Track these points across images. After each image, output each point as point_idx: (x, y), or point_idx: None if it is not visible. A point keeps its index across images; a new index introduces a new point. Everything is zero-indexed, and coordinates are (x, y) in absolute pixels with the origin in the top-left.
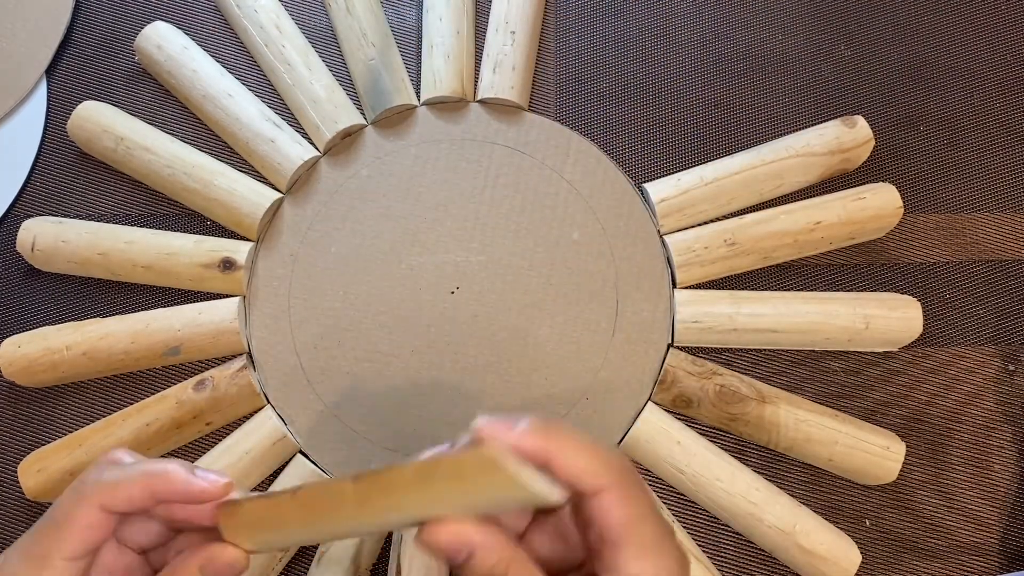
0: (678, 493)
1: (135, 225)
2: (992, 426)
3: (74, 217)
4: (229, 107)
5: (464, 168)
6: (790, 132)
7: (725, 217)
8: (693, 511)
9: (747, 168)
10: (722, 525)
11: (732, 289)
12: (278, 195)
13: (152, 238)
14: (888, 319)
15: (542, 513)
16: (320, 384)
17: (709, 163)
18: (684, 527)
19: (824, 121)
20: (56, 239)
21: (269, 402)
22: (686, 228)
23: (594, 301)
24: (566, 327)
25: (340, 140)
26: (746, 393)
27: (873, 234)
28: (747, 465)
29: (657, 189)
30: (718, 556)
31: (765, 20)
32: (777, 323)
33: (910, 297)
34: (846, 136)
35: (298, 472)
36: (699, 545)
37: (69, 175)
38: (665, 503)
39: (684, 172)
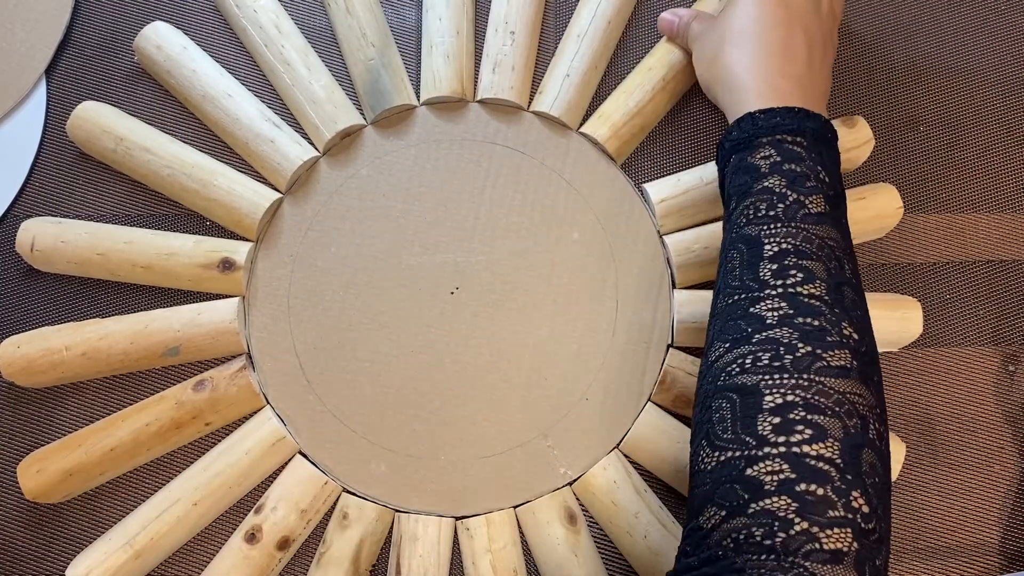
0: (679, 494)
1: (135, 225)
2: (992, 426)
3: (73, 217)
4: (229, 107)
5: (464, 168)
6: None
7: None
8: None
9: None
10: None
11: None
12: (278, 195)
13: (151, 238)
14: (888, 319)
15: None
16: (320, 384)
17: (709, 163)
18: (682, 524)
19: None
20: (55, 239)
21: (268, 402)
22: (686, 228)
23: (594, 301)
24: (566, 327)
25: (340, 140)
26: None
27: (873, 234)
28: None
29: (657, 189)
30: None
31: None
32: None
33: (910, 297)
34: (846, 136)
35: (298, 472)
36: None
37: (68, 175)
38: (666, 503)
39: (684, 172)
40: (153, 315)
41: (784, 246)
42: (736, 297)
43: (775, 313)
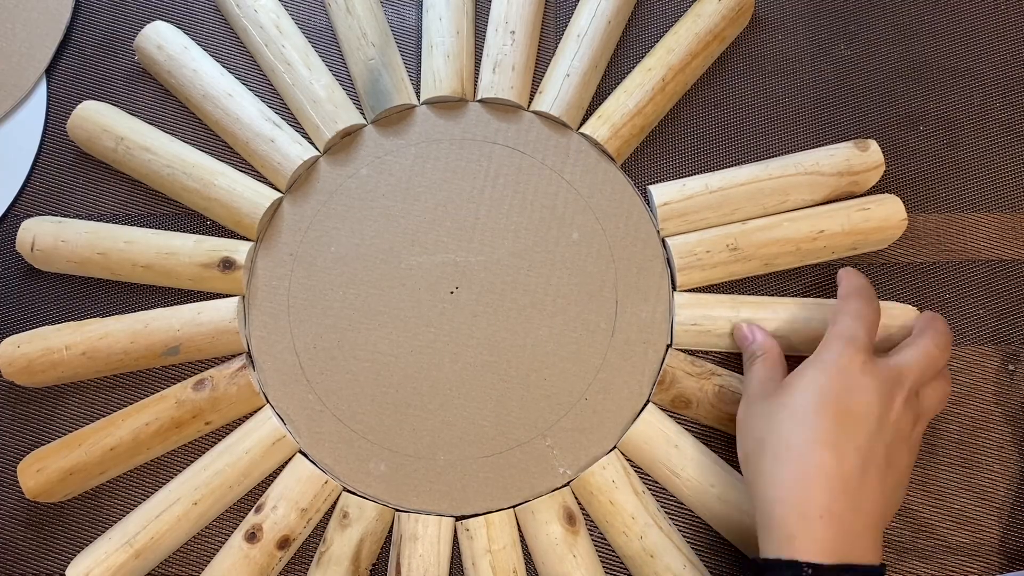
0: (672, 496)
1: (135, 225)
2: (992, 426)
3: (74, 217)
4: (229, 107)
5: (464, 168)
6: (788, 132)
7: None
8: (686, 513)
9: (753, 180)
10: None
11: (731, 288)
12: (278, 195)
13: (152, 238)
14: (887, 329)
15: None
16: (319, 384)
17: (716, 172)
18: (678, 528)
19: (823, 121)
20: (55, 239)
21: (268, 402)
22: (685, 233)
23: (593, 302)
24: (566, 327)
25: (340, 140)
26: None
27: (876, 245)
28: None
29: (661, 192)
30: (716, 558)
31: (765, 20)
32: (776, 329)
33: (909, 306)
34: (856, 159)
35: (298, 471)
36: (694, 549)
37: (69, 175)
38: (664, 507)
39: (690, 178)
40: (153, 314)
41: None
42: None
43: None
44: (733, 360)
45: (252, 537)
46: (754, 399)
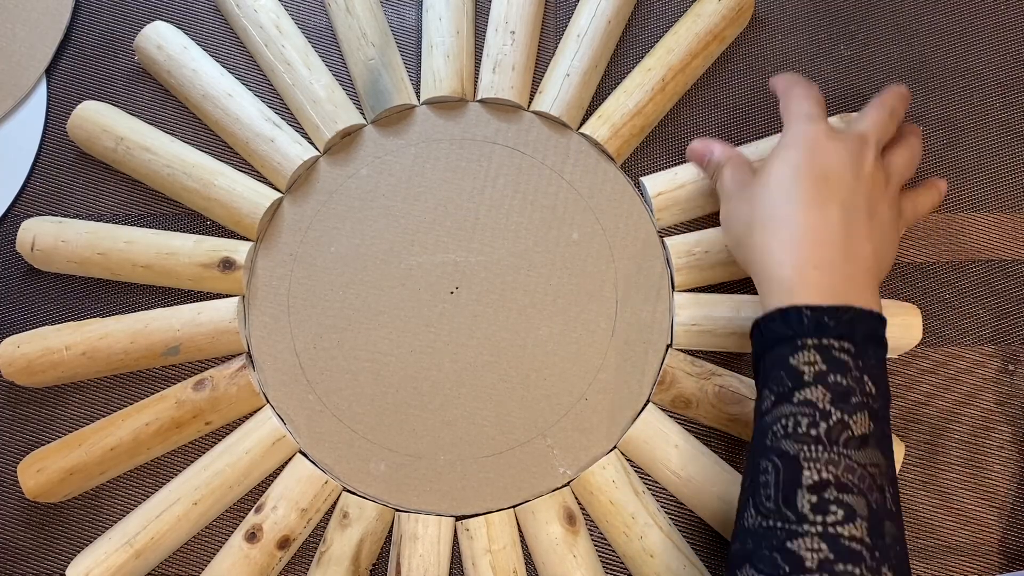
0: (672, 496)
1: (135, 225)
2: (992, 426)
3: (74, 217)
4: (229, 107)
5: (464, 168)
6: None
7: None
8: (686, 513)
9: None
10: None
11: (731, 288)
12: (278, 195)
13: (152, 238)
14: (888, 326)
15: None
16: (319, 384)
17: None
18: (678, 528)
19: None
20: (56, 239)
21: (268, 402)
22: (682, 223)
23: (593, 302)
24: (565, 327)
25: (340, 140)
26: (745, 393)
27: None
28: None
29: (654, 183)
30: (716, 558)
31: (765, 20)
32: None
33: (910, 304)
34: None
35: (298, 471)
36: (694, 549)
37: (69, 175)
38: (664, 507)
39: (681, 167)
40: (153, 314)
41: (824, 476)
42: (771, 523)
43: (814, 555)
44: (733, 360)
45: (252, 537)
46: (732, 194)
